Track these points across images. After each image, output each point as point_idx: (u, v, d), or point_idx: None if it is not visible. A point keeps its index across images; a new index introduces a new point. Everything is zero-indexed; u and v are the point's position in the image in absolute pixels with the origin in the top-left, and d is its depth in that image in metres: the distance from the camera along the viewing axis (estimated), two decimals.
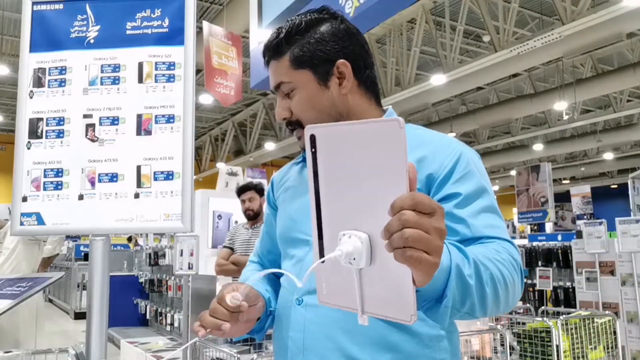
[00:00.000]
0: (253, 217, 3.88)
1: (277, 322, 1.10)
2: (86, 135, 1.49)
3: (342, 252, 0.62)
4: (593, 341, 3.50)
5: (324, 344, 0.97)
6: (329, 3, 1.21)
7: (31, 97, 1.53)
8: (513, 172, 11.49)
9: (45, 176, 1.49)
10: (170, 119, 1.49)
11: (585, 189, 13.96)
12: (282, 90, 1.09)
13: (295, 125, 1.11)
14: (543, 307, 4.84)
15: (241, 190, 3.96)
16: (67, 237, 12.36)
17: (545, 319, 3.43)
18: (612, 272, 5.32)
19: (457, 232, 0.94)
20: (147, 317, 8.23)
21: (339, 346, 0.95)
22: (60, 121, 1.50)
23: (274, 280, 1.17)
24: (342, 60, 1.07)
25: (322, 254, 0.67)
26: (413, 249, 0.60)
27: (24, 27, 1.56)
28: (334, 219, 0.66)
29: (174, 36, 1.53)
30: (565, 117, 13.28)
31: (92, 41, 1.53)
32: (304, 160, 1.19)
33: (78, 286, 10.09)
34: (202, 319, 0.93)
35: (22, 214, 1.49)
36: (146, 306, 8.24)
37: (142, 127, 1.49)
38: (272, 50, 1.10)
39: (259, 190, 3.90)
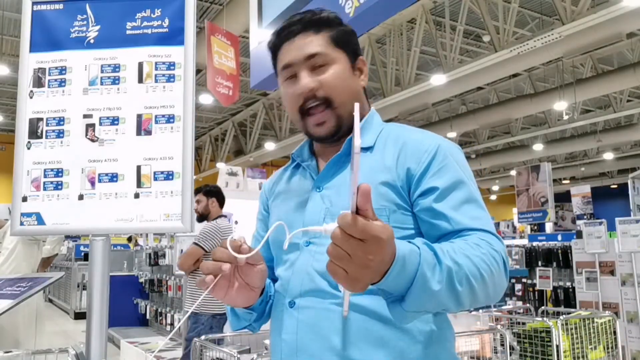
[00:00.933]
0: (198, 219, 4.12)
1: (271, 325, 1.10)
2: (86, 135, 1.49)
3: (324, 229, 0.76)
4: (593, 341, 3.50)
5: (316, 344, 0.97)
6: (329, 3, 1.21)
7: (31, 97, 1.53)
8: (513, 172, 11.48)
9: (45, 176, 1.49)
10: (170, 119, 1.49)
11: (585, 189, 13.94)
12: (316, 61, 1.06)
13: (319, 101, 1.06)
14: (543, 307, 4.83)
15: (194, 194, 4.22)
16: (67, 237, 12.36)
17: (545, 319, 3.43)
18: (612, 272, 5.32)
19: (438, 227, 0.96)
20: (147, 317, 8.24)
21: (331, 345, 0.96)
22: (60, 121, 1.50)
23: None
24: (362, 57, 1.13)
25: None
26: (332, 263, 0.69)
27: (24, 27, 1.56)
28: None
29: (174, 36, 1.53)
30: (565, 117, 13.28)
31: (92, 41, 1.53)
32: (297, 166, 1.19)
33: (78, 286, 10.09)
34: (203, 265, 0.91)
35: (22, 214, 1.48)
36: (146, 306, 8.25)
37: (142, 127, 1.49)
38: (310, 24, 1.07)
39: (207, 192, 4.13)
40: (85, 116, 1.50)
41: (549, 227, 12.80)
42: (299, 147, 1.20)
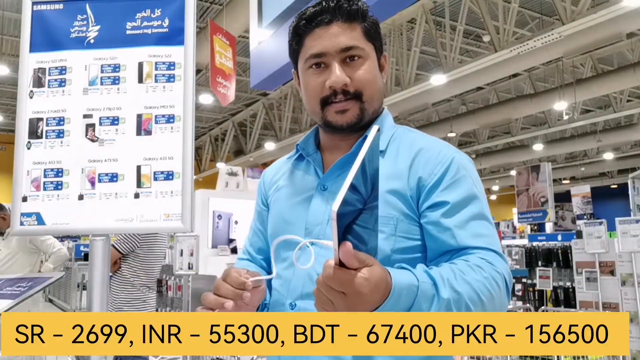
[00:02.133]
0: None
1: None
2: (86, 135, 1.49)
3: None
4: None
5: None
6: None
7: (31, 97, 1.52)
8: (513, 172, 11.48)
9: (45, 176, 1.49)
10: (170, 119, 1.49)
11: (585, 189, 13.94)
12: (350, 54, 1.02)
13: (351, 96, 1.03)
14: (543, 307, 4.83)
15: None
16: (67, 237, 12.36)
17: None
18: (612, 272, 5.32)
19: (443, 242, 0.95)
20: None
21: None
22: (60, 121, 1.50)
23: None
24: (385, 54, 1.11)
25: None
26: (318, 303, 0.73)
27: (24, 27, 1.56)
28: None
29: (174, 36, 1.52)
30: (565, 117, 13.28)
31: (92, 41, 1.53)
32: (299, 157, 1.16)
33: (78, 286, 10.09)
34: (204, 298, 0.92)
35: (22, 214, 1.48)
36: None
37: (142, 127, 1.49)
38: (346, 13, 1.03)
39: None
40: (85, 116, 1.50)
41: (549, 227, 12.79)
42: (304, 138, 1.16)
